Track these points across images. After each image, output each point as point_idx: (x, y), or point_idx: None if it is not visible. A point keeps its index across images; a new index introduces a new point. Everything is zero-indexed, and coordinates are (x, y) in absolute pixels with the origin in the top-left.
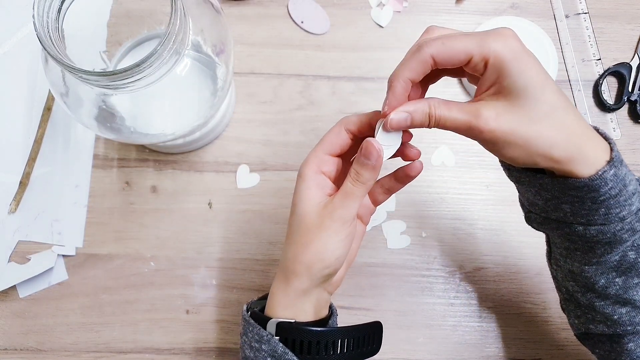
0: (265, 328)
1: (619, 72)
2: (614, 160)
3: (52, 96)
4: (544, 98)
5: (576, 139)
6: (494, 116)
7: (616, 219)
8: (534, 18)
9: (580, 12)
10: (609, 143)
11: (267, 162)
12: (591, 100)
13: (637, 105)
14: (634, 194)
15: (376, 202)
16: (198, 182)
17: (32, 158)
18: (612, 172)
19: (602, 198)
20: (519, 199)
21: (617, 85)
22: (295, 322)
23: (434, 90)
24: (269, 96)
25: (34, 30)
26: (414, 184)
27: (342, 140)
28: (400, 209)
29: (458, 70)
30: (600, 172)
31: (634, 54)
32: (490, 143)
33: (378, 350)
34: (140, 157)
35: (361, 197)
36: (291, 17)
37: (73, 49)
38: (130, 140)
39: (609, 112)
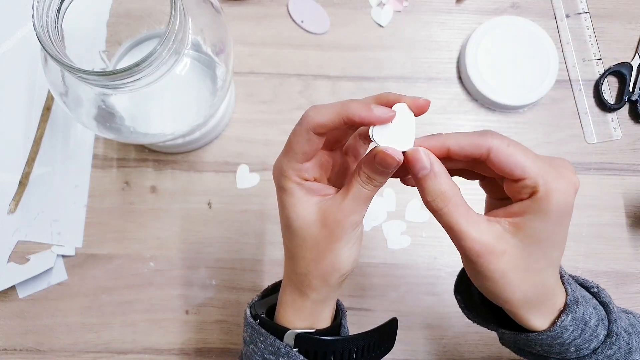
0: (279, 338)
1: (620, 72)
2: (568, 306)
3: (52, 96)
4: (548, 254)
5: (542, 296)
6: (500, 254)
7: (588, 352)
8: (534, 17)
9: (581, 11)
10: (565, 288)
11: (267, 162)
12: (592, 100)
13: (638, 105)
14: (597, 325)
15: None
16: (198, 182)
17: (32, 158)
18: (569, 318)
19: (568, 341)
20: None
21: (617, 85)
22: (315, 331)
23: (433, 89)
24: (269, 96)
25: (34, 30)
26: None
27: (314, 144)
28: (401, 209)
29: (476, 174)
30: (558, 322)
31: (635, 53)
32: (477, 270)
33: (393, 346)
34: (139, 157)
35: (372, 197)
36: (291, 17)
37: (73, 49)
38: (129, 140)
39: (610, 112)
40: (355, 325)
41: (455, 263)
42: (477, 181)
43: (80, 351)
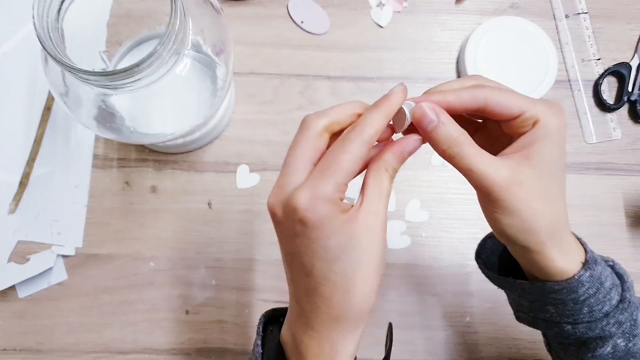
0: None
1: (619, 72)
2: (589, 263)
3: (52, 96)
4: (558, 180)
5: (562, 227)
6: (519, 184)
7: (600, 315)
8: (533, 18)
9: (580, 12)
10: (582, 244)
11: (267, 162)
12: (591, 100)
13: (637, 105)
14: (611, 289)
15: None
16: (198, 182)
17: (32, 158)
18: (587, 274)
19: (582, 298)
20: (507, 298)
21: (617, 85)
22: None
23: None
24: (269, 96)
25: (34, 30)
26: (415, 183)
27: (365, 159)
28: (400, 209)
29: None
30: (577, 276)
31: (634, 53)
32: (502, 206)
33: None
34: (140, 157)
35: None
36: (291, 17)
37: (73, 49)
38: (130, 140)
39: (609, 112)
40: None
41: (455, 263)
42: None
43: (81, 351)
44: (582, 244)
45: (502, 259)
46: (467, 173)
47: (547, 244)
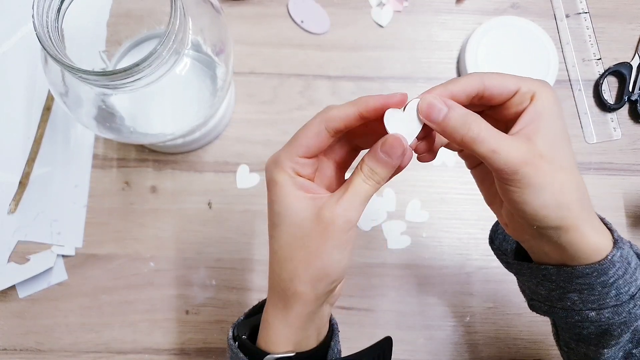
0: None
1: (620, 72)
2: (618, 242)
3: (52, 96)
4: (569, 150)
5: (589, 200)
6: (540, 157)
7: (626, 297)
8: (534, 18)
9: (581, 11)
10: (604, 222)
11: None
12: (592, 100)
13: (638, 105)
14: (635, 269)
15: None
16: (198, 182)
17: (32, 158)
18: (619, 253)
19: (612, 280)
20: (519, 286)
21: (617, 85)
22: (296, 354)
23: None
24: (269, 96)
25: (34, 30)
26: (415, 183)
27: (322, 141)
28: (401, 209)
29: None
30: (610, 256)
31: (635, 53)
32: (530, 183)
33: None
34: (139, 157)
35: (371, 196)
36: (291, 17)
37: (73, 49)
38: (129, 140)
39: (610, 111)
40: (355, 325)
41: (455, 263)
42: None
43: (80, 351)
44: (608, 225)
45: (518, 245)
46: (491, 155)
47: (581, 217)
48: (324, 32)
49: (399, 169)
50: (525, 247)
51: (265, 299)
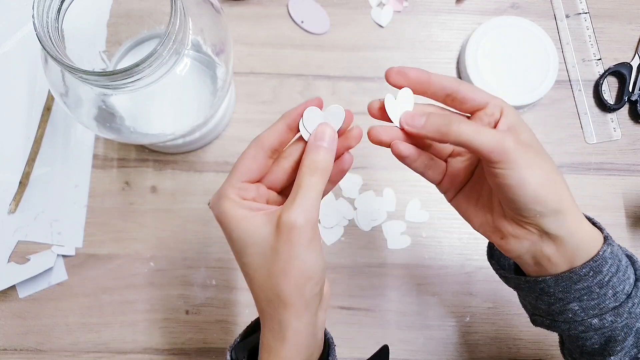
0: None
1: (620, 72)
2: (609, 239)
3: (52, 96)
4: (545, 154)
5: (570, 200)
6: (520, 143)
7: (623, 297)
8: (534, 18)
9: (581, 11)
10: (593, 222)
11: None
12: (591, 100)
13: (638, 105)
14: (627, 267)
15: None
16: (198, 182)
17: (32, 158)
18: (609, 250)
19: (607, 278)
20: (520, 301)
21: (617, 85)
22: None
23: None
24: (269, 96)
25: (34, 30)
26: (415, 183)
27: (260, 163)
28: (400, 209)
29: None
30: (601, 252)
31: (635, 53)
32: (517, 164)
33: None
34: (140, 157)
35: (322, 188)
36: (291, 17)
37: (73, 49)
38: (130, 140)
39: (610, 112)
40: (355, 325)
41: (455, 263)
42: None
43: (80, 351)
44: (597, 225)
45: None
46: (477, 146)
47: (574, 204)
48: (324, 32)
49: (342, 173)
50: (524, 262)
51: (256, 318)
